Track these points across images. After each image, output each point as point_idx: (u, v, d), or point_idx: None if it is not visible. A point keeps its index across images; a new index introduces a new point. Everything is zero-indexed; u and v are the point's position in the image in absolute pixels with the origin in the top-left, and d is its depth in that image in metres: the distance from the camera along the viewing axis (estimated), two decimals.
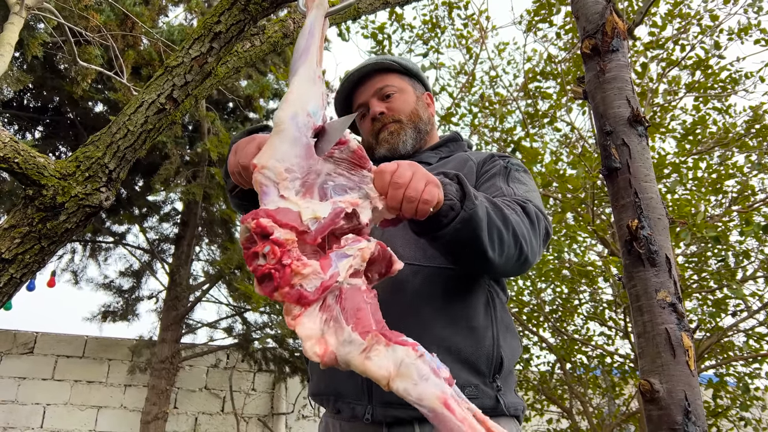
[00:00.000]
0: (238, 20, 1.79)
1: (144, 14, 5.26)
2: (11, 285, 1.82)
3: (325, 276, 0.85)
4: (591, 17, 1.62)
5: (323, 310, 0.85)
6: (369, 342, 0.79)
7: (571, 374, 5.82)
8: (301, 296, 0.84)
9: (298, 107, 1.01)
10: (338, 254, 0.90)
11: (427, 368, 0.76)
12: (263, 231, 0.86)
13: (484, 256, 1.14)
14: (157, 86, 1.85)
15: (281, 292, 0.84)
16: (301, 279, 0.84)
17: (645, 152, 1.49)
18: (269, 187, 0.93)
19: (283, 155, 0.95)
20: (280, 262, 0.84)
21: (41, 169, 1.75)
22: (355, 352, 0.80)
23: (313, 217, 0.91)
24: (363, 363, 0.78)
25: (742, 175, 4.96)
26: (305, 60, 1.09)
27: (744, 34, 5.12)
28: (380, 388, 1.20)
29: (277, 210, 0.89)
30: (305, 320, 0.83)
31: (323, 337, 0.83)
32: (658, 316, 1.35)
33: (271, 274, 0.84)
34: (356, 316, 0.84)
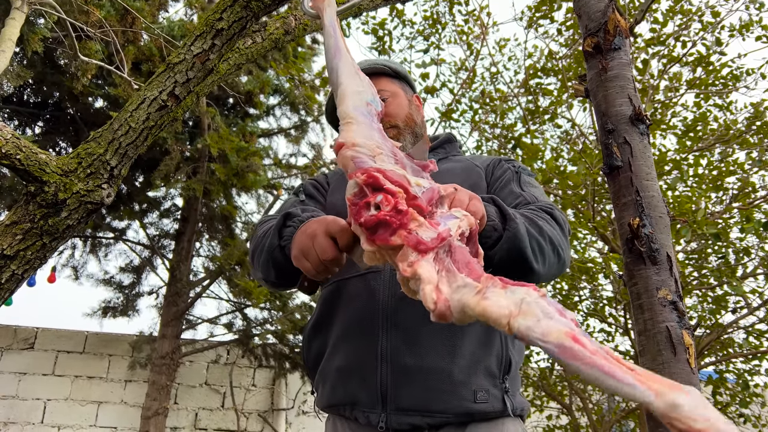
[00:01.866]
0: (240, 17, 1.79)
1: (144, 9, 5.25)
2: (13, 281, 1.82)
3: (440, 229, 0.84)
4: (593, 15, 1.62)
5: (436, 262, 0.82)
6: (484, 283, 0.75)
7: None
8: (420, 242, 0.81)
9: (357, 100, 1.01)
10: (445, 216, 0.89)
11: (551, 308, 0.70)
12: (375, 183, 0.85)
13: (531, 270, 1.17)
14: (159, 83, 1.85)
15: (401, 234, 0.81)
16: (418, 227, 0.82)
17: (646, 150, 1.49)
18: (365, 159, 0.90)
19: (368, 136, 0.95)
20: (396, 208, 0.82)
21: (43, 166, 1.75)
22: (470, 294, 0.75)
23: (417, 183, 0.89)
24: (479, 303, 0.73)
25: (743, 172, 4.96)
26: (341, 57, 1.09)
27: (745, 30, 5.12)
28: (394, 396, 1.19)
29: (386, 169, 0.87)
30: (425, 264, 0.80)
31: (437, 286, 0.79)
32: (659, 314, 1.35)
33: (387, 220, 0.82)
34: (468, 267, 0.82)
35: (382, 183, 0.84)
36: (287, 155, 7.62)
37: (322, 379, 1.36)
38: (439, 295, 0.77)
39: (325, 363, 1.34)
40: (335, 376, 1.30)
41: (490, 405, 1.21)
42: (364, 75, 1.09)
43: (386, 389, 1.21)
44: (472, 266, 0.82)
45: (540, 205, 1.35)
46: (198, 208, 6.80)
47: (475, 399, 1.20)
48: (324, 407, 1.36)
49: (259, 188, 6.87)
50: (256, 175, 6.16)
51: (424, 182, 0.92)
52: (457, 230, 0.87)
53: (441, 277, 0.80)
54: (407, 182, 0.87)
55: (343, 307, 1.35)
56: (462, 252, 0.85)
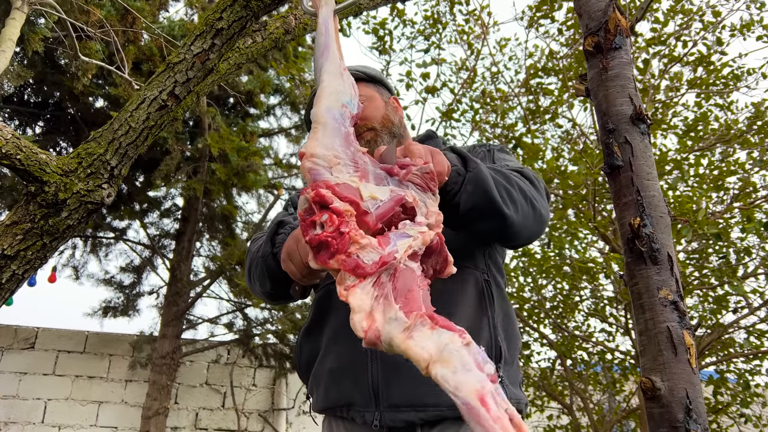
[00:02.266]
0: (240, 17, 1.79)
1: (144, 9, 5.25)
2: (13, 281, 1.82)
3: (384, 251, 0.83)
4: (594, 14, 1.61)
5: (376, 286, 0.82)
6: (413, 321, 0.76)
7: (572, 370, 5.83)
8: (358, 266, 0.81)
9: (332, 101, 1.02)
10: (398, 234, 0.88)
11: (471, 359, 0.71)
12: (322, 201, 0.85)
13: (502, 215, 1.16)
14: (159, 82, 1.85)
15: (338, 258, 0.82)
16: (359, 249, 0.82)
17: (647, 150, 1.49)
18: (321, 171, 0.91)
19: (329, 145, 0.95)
20: (338, 230, 0.83)
21: (43, 166, 1.74)
22: (398, 329, 0.76)
23: (371, 196, 0.90)
24: (405, 341, 0.74)
25: (744, 172, 4.95)
26: (328, 56, 1.10)
27: (746, 30, 5.11)
28: (386, 393, 1.20)
29: (338, 184, 0.88)
30: (359, 292, 0.81)
31: (371, 313, 0.79)
32: (660, 314, 1.35)
33: (328, 241, 0.82)
34: (406, 296, 0.81)
35: (329, 201, 0.85)
36: (288, 155, 7.63)
37: (315, 382, 1.36)
38: (371, 323, 0.77)
39: (318, 366, 1.34)
40: (328, 378, 1.30)
41: None
42: (348, 75, 1.09)
43: (378, 387, 1.22)
44: (412, 296, 0.81)
45: (510, 167, 1.36)
46: (198, 207, 6.80)
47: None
48: (320, 410, 1.35)
49: (260, 188, 6.87)
50: (257, 175, 6.15)
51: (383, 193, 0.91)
52: (407, 251, 0.86)
53: (377, 305, 0.80)
54: (359, 197, 0.87)
55: (334, 310, 1.35)
56: (407, 277, 0.84)
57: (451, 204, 1.13)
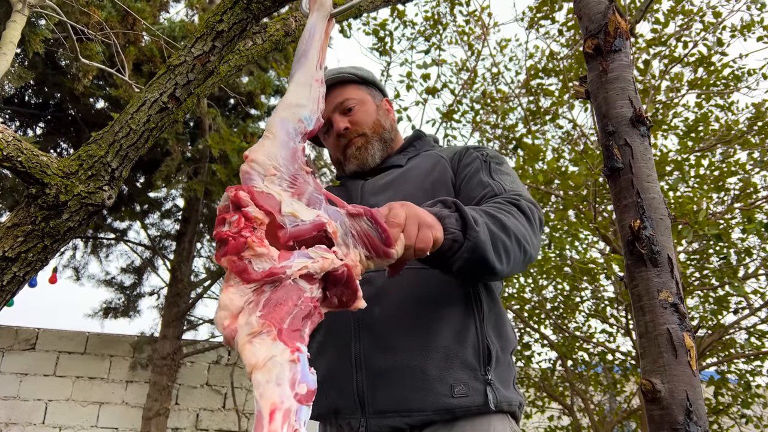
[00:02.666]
0: (240, 19, 1.79)
1: (145, 10, 5.26)
2: (14, 283, 1.82)
3: (277, 264, 0.86)
4: (593, 17, 1.61)
5: (256, 293, 0.84)
6: (259, 328, 0.79)
7: (573, 371, 5.83)
8: (245, 270, 0.84)
9: (290, 114, 1.03)
10: (300, 253, 0.89)
11: (287, 375, 0.75)
12: (239, 202, 0.88)
13: (494, 272, 1.15)
14: (160, 85, 1.85)
15: (228, 258, 0.84)
16: (253, 255, 0.84)
17: (647, 152, 1.49)
18: (254, 176, 0.94)
19: (272, 155, 0.97)
20: (240, 232, 0.85)
21: (44, 168, 1.75)
22: (244, 333, 0.79)
23: (292, 214, 0.91)
24: (244, 345, 0.78)
25: (745, 173, 4.95)
26: (303, 64, 1.09)
27: (747, 30, 5.11)
28: (372, 400, 1.21)
29: (261, 192, 0.91)
30: (232, 292, 0.83)
31: (236, 315, 0.82)
32: (660, 317, 1.35)
33: (227, 240, 0.85)
34: (273, 308, 0.83)
35: (244, 204, 0.88)
36: None
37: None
38: (232, 323, 0.81)
39: None
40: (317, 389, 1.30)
41: (470, 399, 1.18)
42: (317, 88, 1.07)
43: (363, 394, 1.22)
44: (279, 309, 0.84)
45: (507, 197, 1.31)
46: (199, 208, 6.81)
47: (452, 393, 1.18)
48: (313, 418, 1.36)
49: None
50: None
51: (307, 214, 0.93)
52: (301, 270, 0.87)
53: (246, 309, 0.82)
54: (278, 210, 0.90)
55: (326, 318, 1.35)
56: (289, 292, 0.86)
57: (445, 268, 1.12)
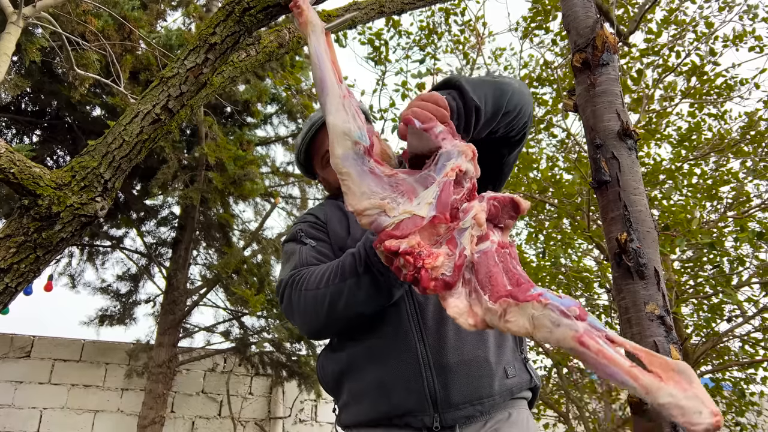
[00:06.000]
0: (233, 32, 1.81)
1: (142, 19, 5.28)
2: (6, 294, 1.83)
3: (456, 255, 0.94)
4: (582, 31, 1.64)
5: (465, 285, 0.94)
6: (501, 307, 0.86)
7: (568, 379, 5.83)
8: (446, 283, 0.92)
9: (344, 145, 1.06)
10: (459, 231, 0.97)
11: (556, 314, 0.81)
12: (390, 251, 0.96)
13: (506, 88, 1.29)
14: (153, 96, 1.86)
15: (430, 288, 0.92)
16: (438, 270, 0.93)
17: (634, 165, 1.51)
18: (378, 219, 1.01)
19: (366, 192, 1.03)
20: (415, 267, 0.93)
21: (37, 179, 1.76)
22: (496, 317, 0.87)
23: (427, 203, 0.99)
24: (505, 326, 0.85)
25: (738, 181, 4.98)
26: (327, 91, 1.11)
27: (739, 41, 5.15)
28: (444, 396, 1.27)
29: (395, 226, 0.99)
30: (451, 300, 0.92)
31: (471, 309, 0.91)
32: (647, 329, 1.36)
33: (416, 278, 0.93)
34: (490, 282, 0.92)
35: (397, 248, 0.96)
36: (285, 163, 7.64)
37: (355, 398, 1.36)
38: (475, 317, 0.90)
39: (355, 382, 1.35)
40: (376, 393, 1.31)
41: (518, 377, 1.34)
42: (350, 103, 1.10)
43: (435, 392, 1.28)
44: (494, 279, 0.92)
45: None
46: (195, 216, 6.81)
47: (506, 375, 1.31)
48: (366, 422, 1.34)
49: (257, 196, 6.88)
50: (254, 183, 6.17)
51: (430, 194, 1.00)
52: (472, 241, 0.96)
53: (472, 300, 0.92)
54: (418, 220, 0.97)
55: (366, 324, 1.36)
56: (484, 262, 0.95)
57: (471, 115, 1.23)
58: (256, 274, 6.40)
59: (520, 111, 1.35)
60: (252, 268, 6.42)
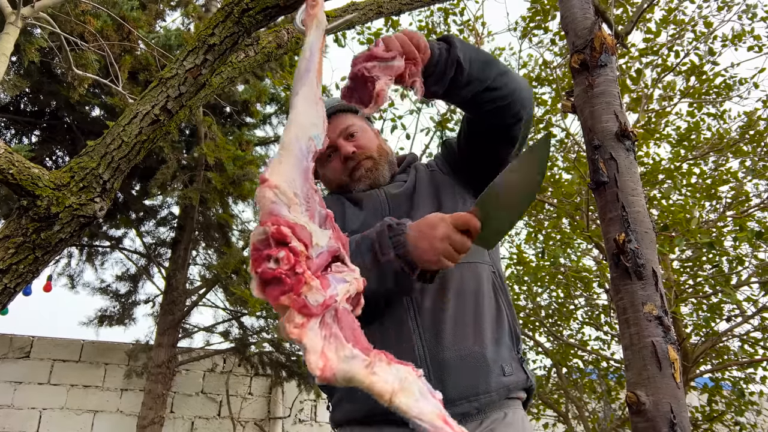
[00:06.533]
0: (232, 32, 1.81)
1: (141, 19, 5.28)
2: (5, 295, 1.83)
3: (326, 294, 0.88)
4: (580, 32, 1.64)
5: (322, 327, 0.87)
6: (372, 358, 0.84)
7: (567, 379, 5.84)
8: (306, 306, 0.85)
9: (302, 131, 1.03)
10: (336, 278, 0.93)
11: (425, 388, 0.81)
12: (282, 238, 0.88)
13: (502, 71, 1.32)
14: (152, 97, 1.86)
15: (290, 297, 0.85)
16: (308, 291, 0.86)
17: (632, 166, 1.51)
18: (281, 207, 0.94)
19: (291, 179, 0.97)
20: (293, 269, 0.86)
21: (35, 180, 1.76)
22: (360, 367, 0.83)
23: (316, 243, 0.94)
24: (369, 377, 0.82)
25: (737, 181, 4.98)
26: (307, 81, 1.10)
27: (738, 40, 5.16)
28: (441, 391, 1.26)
29: (296, 224, 0.92)
30: (311, 333, 0.85)
31: (324, 352, 0.85)
32: (645, 329, 1.37)
33: (282, 278, 0.85)
34: (354, 335, 0.88)
35: (289, 240, 0.88)
36: None
37: (349, 394, 1.37)
38: (326, 362, 0.83)
39: None
40: None
41: (515, 376, 1.35)
42: (322, 107, 1.10)
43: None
44: (357, 334, 0.89)
45: None
46: (194, 216, 6.81)
47: (503, 372, 1.31)
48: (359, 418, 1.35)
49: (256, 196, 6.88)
50: (253, 183, 6.17)
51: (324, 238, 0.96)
52: (345, 295, 0.92)
53: (328, 343, 0.86)
54: (310, 241, 0.91)
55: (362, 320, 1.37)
56: (347, 317, 0.91)
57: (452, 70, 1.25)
58: None
59: (511, 93, 1.35)
60: None
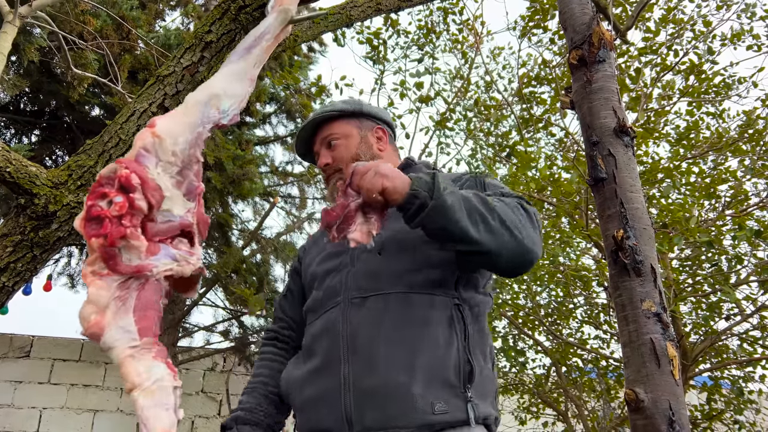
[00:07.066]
0: (228, 30, 1.81)
1: (140, 18, 5.28)
2: (4, 293, 1.83)
3: (145, 261, 0.83)
4: (578, 28, 1.64)
5: (121, 288, 0.82)
6: (143, 344, 0.79)
7: (567, 377, 5.83)
8: (114, 260, 0.81)
9: (213, 98, 1.00)
10: (168, 251, 0.89)
11: (172, 400, 0.77)
12: (127, 185, 0.83)
13: (468, 238, 1.21)
14: (149, 95, 1.86)
15: (100, 241, 0.81)
16: (126, 247, 0.81)
17: (631, 162, 1.50)
18: (149, 158, 0.89)
19: (177, 136, 0.92)
20: (120, 219, 0.81)
21: (33, 178, 1.76)
22: (124, 344, 0.78)
23: (168, 209, 0.89)
24: (126, 358, 0.77)
25: (736, 180, 4.98)
26: (244, 57, 1.08)
27: (737, 39, 5.15)
28: (359, 418, 1.25)
29: (152, 182, 0.86)
30: (100, 285, 0.81)
31: (104, 310, 0.80)
32: (643, 326, 1.36)
33: (103, 221, 0.81)
34: (144, 313, 0.83)
35: (132, 189, 0.83)
36: (283, 163, 7.64)
37: (297, 409, 1.43)
38: (100, 320, 0.79)
39: (299, 393, 1.40)
40: (309, 406, 1.36)
41: (450, 415, 1.23)
42: (249, 86, 1.08)
43: (350, 413, 1.27)
44: (149, 314, 0.84)
45: (508, 194, 1.39)
46: None
47: (433, 411, 1.23)
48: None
49: (255, 196, 6.89)
50: (252, 183, 6.17)
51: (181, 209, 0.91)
52: (165, 270, 0.88)
53: (112, 306, 0.80)
54: (158, 204, 0.86)
55: (314, 341, 1.42)
56: (151, 294, 0.85)
57: (410, 221, 1.22)
58: (255, 274, 6.41)
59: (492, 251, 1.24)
60: (251, 267, 6.42)
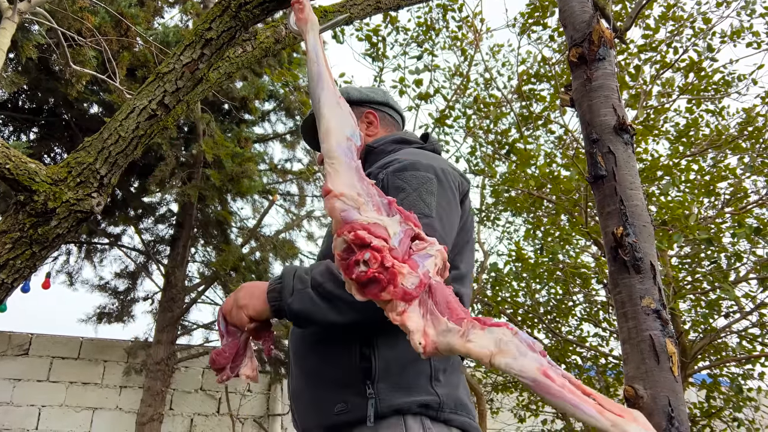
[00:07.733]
0: (229, 27, 1.81)
1: (139, 15, 5.27)
2: (2, 290, 1.82)
3: (419, 274, 0.93)
4: (578, 26, 1.63)
5: (420, 305, 0.93)
6: (465, 327, 0.87)
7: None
8: (406, 293, 0.91)
9: (340, 135, 1.06)
10: (421, 255, 0.97)
11: (524, 344, 0.82)
12: (362, 242, 0.93)
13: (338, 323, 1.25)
14: (149, 92, 1.86)
15: (389, 290, 0.91)
16: (403, 278, 0.92)
17: (631, 160, 1.51)
18: (351, 211, 0.99)
19: (350, 183, 1.02)
20: (383, 265, 0.91)
21: (32, 175, 1.75)
22: (456, 338, 0.87)
23: (394, 233, 0.99)
24: (465, 345, 0.85)
25: (735, 177, 4.98)
26: (323, 86, 1.12)
27: (736, 36, 5.15)
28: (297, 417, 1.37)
29: (370, 223, 0.97)
30: (412, 315, 0.91)
31: (425, 330, 0.90)
32: (643, 323, 1.37)
33: (376, 277, 0.91)
34: (448, 307, 0.92)
35: (369, 241, 0.93)
36: (282, 160, 7.64)
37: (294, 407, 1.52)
38: (427, 338, 0.89)
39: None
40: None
41: (350, 414, 1.24)
42: (345, 104, 1.11)
43: (296, 414, 1.40)
44: (452, 305, 0.92)
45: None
46: (193, 213, 6.80)
47: (334, 411, 1.27)
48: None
49: (254, 193, 6.88)
50: (252, 181, 6.16)
51: (396, 225, 1.00)
52: (434, 269, 0.97)
53: (426, 321, 0.91)
54: (387, 234, 0.96)
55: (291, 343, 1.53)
56: (440, 290, 0.94)
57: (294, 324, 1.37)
58: (254, 272, 6.41)
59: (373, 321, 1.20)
60: (250, 265, 6.42)
